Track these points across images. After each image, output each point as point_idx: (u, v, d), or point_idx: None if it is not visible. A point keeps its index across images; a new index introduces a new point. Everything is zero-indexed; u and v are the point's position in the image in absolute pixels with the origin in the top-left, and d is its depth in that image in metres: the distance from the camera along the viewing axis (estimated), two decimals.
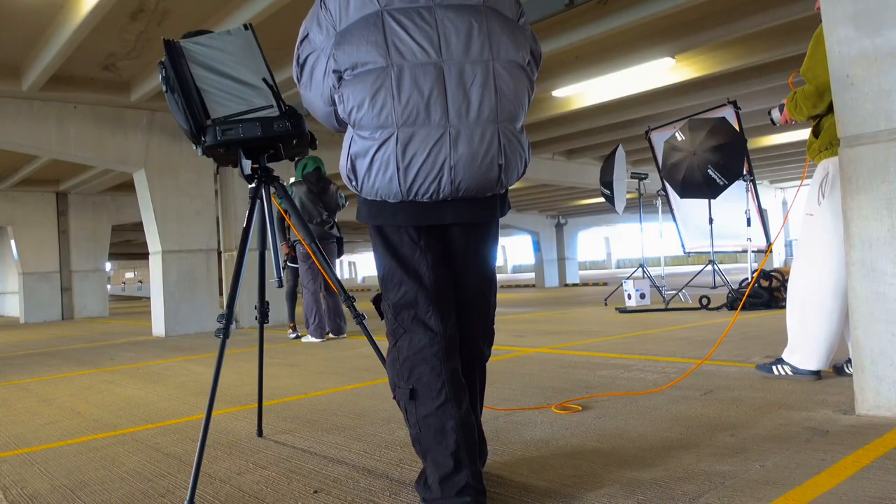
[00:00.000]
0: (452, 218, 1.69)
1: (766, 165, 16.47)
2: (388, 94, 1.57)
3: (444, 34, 1.59)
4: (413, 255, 1.70)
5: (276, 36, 6.37)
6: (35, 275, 13.81)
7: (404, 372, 1.68)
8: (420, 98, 1.57)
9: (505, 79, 1.62)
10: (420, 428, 1.66)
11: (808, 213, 3.02)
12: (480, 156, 1.60)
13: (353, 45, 1.60)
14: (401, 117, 1.58)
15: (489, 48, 1.61)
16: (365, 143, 1.62)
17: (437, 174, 1.60)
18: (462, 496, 1.61)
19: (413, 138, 1.58)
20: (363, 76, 1.59)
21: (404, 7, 1.60)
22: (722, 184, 7.42)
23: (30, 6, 5.75)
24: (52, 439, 2.84)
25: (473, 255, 1.78)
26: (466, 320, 1.78)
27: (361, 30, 1.60)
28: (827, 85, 2.77)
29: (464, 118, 1.59)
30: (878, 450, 2.02)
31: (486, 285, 1.82)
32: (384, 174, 1.61)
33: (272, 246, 2.21)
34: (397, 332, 1.72)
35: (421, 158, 1.59)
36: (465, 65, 1.60)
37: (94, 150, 8.25)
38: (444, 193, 1.63)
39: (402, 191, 1.62)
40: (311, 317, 6.28)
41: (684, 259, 21.89)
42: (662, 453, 2.11)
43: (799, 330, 3.03)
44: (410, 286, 1.69)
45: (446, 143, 1.59)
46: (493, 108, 1.61)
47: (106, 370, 5.10)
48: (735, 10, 6.38)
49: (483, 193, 1.67)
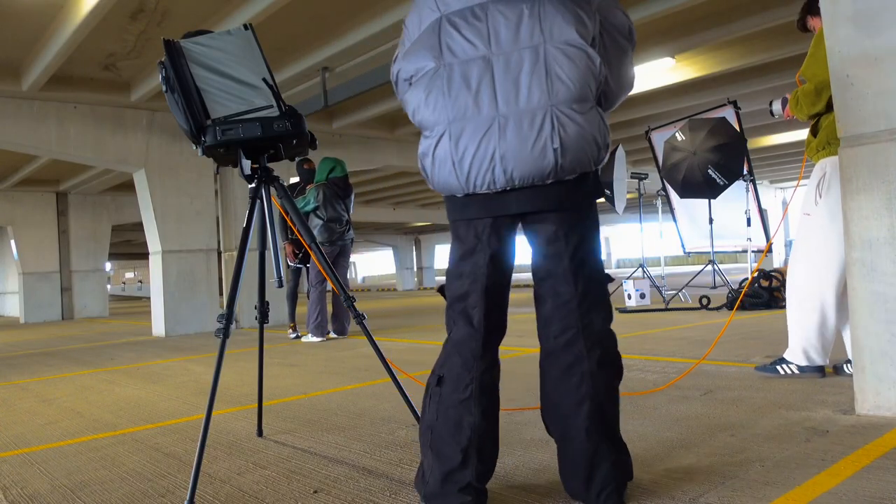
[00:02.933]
0: (517, 207, 1.66)
1: (766, 165, 16.47)
2: (440, 92, 1.63)
3: (494, 27, 1.62)
4: (474, 250, 1.70)
5: (276, 36, 6.38)
6: (35, 275, 13.81)
7: (441, 358, 1.72)
8: (468, 92, 1.61)
9: (560, 60, 1.58)
10: (438, 415, 1.66)
11: (806, 212, 3.03)
12: (531, 142, 1.57)
13: (415, 53, 1.70)
14: (452, 113, 1.62)
15: (540, 31, 1.60)
16: (427, 142, 1.68)
17: (489, 165, 1.60)
18: (464, 494, 1.61)
19: (464, 132, 1.61)
20: (420, 80, 1.67)
21: (460, 8, 1.66)
22: (722, 184, 7.42)
23: (30, 6, 5.75)
24: (52, 439, 2.84)
25: (565, 242, 1.68)
26: (549, 314, 1.72)
27: (423, 38, 1.69)
28: (825, 83, 2.78)
29: (513, 105, 1.59)
30: (878, 450, 2.02)
31: (574, 275, 1.68)
32: (444, 169, 1.65)
33: (272, 246, 2.21)
34: (449, 324, 1.75)
35: (472, 150, 1.60)
36: (514, 52, 1.60)
37: (94, 150, 8.25)
38: (500, 183, 1.61)
39: (462, 183, 1.64)
40: (313, 314, 6.28)
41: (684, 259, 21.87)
42: (662, 453, 2.11)
43: (800, 328, 3.03)
44: (466, 280, 1.71)
45: (495, 132, 1.59)
46: (544, 91, 1.58)
47: (106, 370, 5.10)
48: (735, 10, 6.38)
49: (542, 181, 1.61)
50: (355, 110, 9.44)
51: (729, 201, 8.18)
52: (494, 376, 1.72)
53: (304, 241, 2.68)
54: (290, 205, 2.35)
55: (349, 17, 6.23)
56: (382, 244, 32.89)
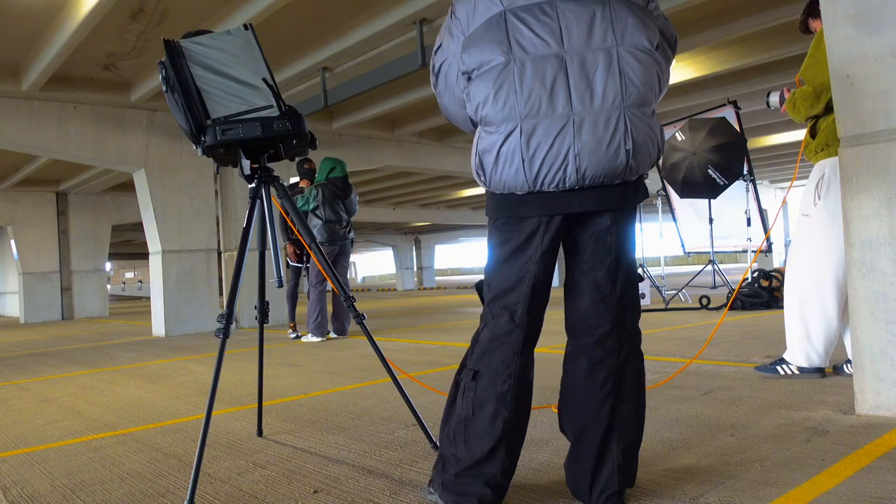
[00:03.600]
0: (580, 206, 1.66)
1: (766, 165, 16.46)
2: (511, 87, 1.60)
3: (566, 25, 1.61)
4: (526, 247, 1.70)
5: (276, 36, 6.38)
6: (35, 275, 13.81)
7: (476, 354, 1.71)
8: (542, 89, 1.59)
9: (631, 63, 1.60)
10: (474, 410, 1.66)
11: (804, 213, 3.02)
12: (606, 142, 1.59)
13: (478, 46, 1.65)
14: (524, 109, 1.60)
15: (612, 34, 1.60)
16: (491, 138, 1.65)
17: (561, 163, 1.60)
18: (486, 487, 1.62)
19: (536, 129, 1.60)
20: (487, 73, 1.63)
21: (527, 4, 1.64)
22: (722, 184, 7.42)
23: (30, 6, 5.75)
24: (52, 439, 2.84)
25: (614, 241, 1.71)
26: (586, 307, 1.73)
27: (486, 31, 1.64)
28: (824, 86, 2.78)
29: (587, 105, 1.59)
30: (878, 450, 2.02)
31: (616, 272, 1.72)
32: (510, 166, 1.62)
33: (272, 246, 2.21)
34: (486, 318, 1.75)
35: (545, 148, 1.59)
36: (588, 53, 1.60)
37: (94, 150, 8.26)
38: (570, 182, 1.61)
39: (529, 181, 1.62)
40: (313, 314, 6.28)
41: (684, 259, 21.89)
42: (662, 453, 2.11)
43: (799, 329, 3.03)
44: (511, 276, 1.70)
45: (570, 131, 1.59)
46: (618, 93, 1.59)
47: (106, 370, 5.10)
48: (735, 10, 6.38)
49: (611, 181, 1.64)
50: (355, 110, 9.44)
51: (729, 201, 8.18)
52: (531, 374, 1.73)
53: (304, 241, 2.68)
54: (290, 205, 2.35)
55: (349, 17, 6.23)
56: (382, 244, 32.89)
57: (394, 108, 9.12)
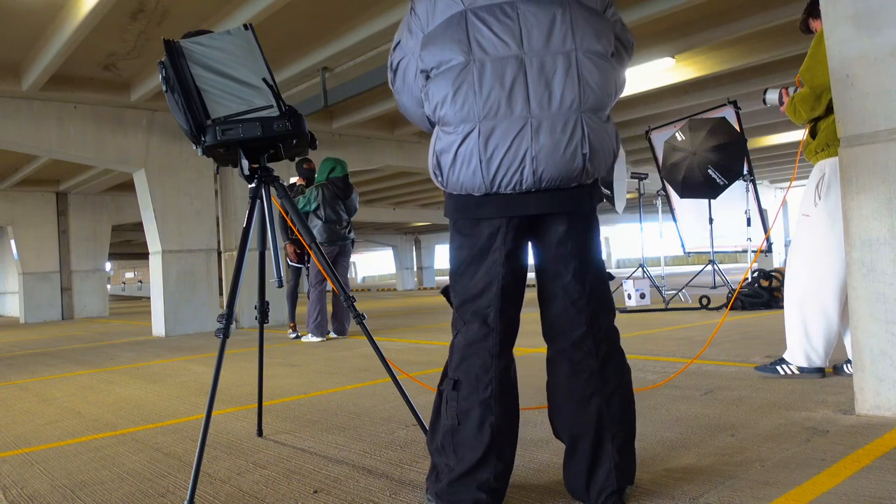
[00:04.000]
0: (537, 208, 1.66)
1: (766, 165, 16.47)
2: (470, 88, 1.60)
3: (526, 27, 1.61)
4: (488, 250, 1.69)
5: (276, 36, 6.38)
6: (35, 275, 13.81)
7: (454, 362, 1.70)
8: (501, 91, 1.59)
9: (590, 68, 1.61)
10: (459, 419, 1.65)
11: (804, 213, 3.02)
12: (563, 145, 1.59)
13: (437, 44, 1.65)
14: (482, 111, 1.60)
15: (572, 38, 1.61)
16: (449, 139, 1.65)
17: (519, 165, 1.60)
18: (479, 492, 1.61)
19: (495, 131, 1.60)
20: (446, 73, 1.63)
21: (487, 4, 1.63)
22: (722, 184, 7.42)
23: (30, 6, 5.75)
24: (52, 439, 2.84)
25: (576, 243, 1.71)
26: (558, 312, 1.73)
27: (446, 29, 1.64)
28: (824, 87, 2.78)
29: (546, 108, 1.59)
30: (878, 450, 2.02)
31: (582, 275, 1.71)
32: (468, 167, 1.63)
33: (272, 246, 2.21)
34: (457, 325, 1.74)
35: (503, 150, 1.59)
36: (547, 56, 1.60)
37: (94, 150, 8.25)
38: (527, 184, 1.62)
39: (486, 183, 1.62)
40: (313, 314, 6.29)
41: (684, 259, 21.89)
42: (662, 453, 2.11)
43: (799, 329, 3.03)
44: (478, 280, 1.70)
45: (528, 133, 1.59)
46: (576, 97, 1.60)
47: (106, 370, 5.10)
48: (735, 10, 6.38)
49: (568, 184, 1.64)
50: (355, 110, 9.44)
51: (729, 201, 8.18)
52: (513, 376, 1.72)
53: (304, 241, 2.68)
54: (290, 205, 2.35)
55: (349, 17, 6.23)
56: (382, 244, 32.88)
57: (394, 108, 9.11)
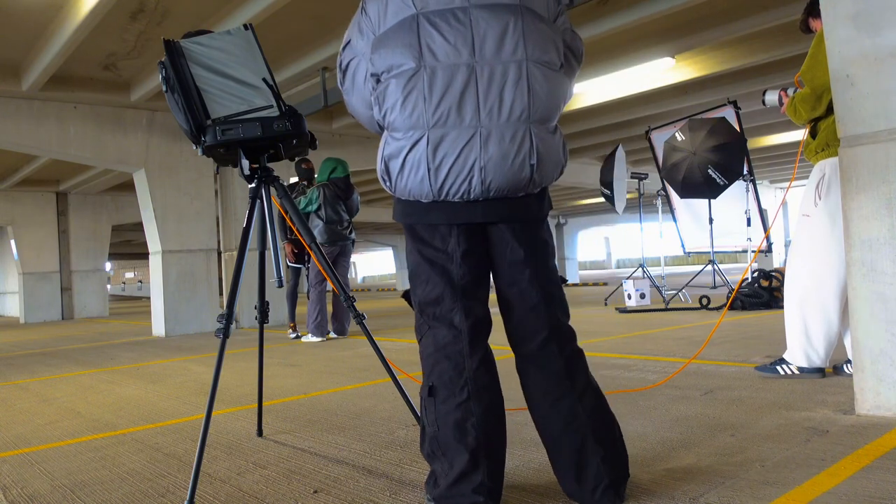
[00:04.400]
0: (484, 217, 1.67)
1: (766, 165, 16.46)
2: (420, 95, 1.59)
3: (478, 34, 1.59)
4: (442, 253, 1.69)
5: (276, 36, 6.38)
6: (35, 275, 13.81)
7: (427, 368, 1.69)
8: (451, 99, 1.58)
9: (539, 79, 1.60)
10: (439, 426, 1.63)
11: (805, 213, 3.02)
12: (511, 156, 1.59)
13: (388, 48, 1.62)
14: (432, 118, 1.59)
15: (523, 47, 1.60)
16: (398, 145, 1.63)
17: (467, 175, 1.59)
18: (476, 494, 1.60)
19: (444, 139, 1.59)
20: (397, 78, 1.61)
21: (440, 9, 1.61)
22: (722, 184, 7.42)
23: (30, 6, 5.75)
24: (52, 439, 2.84)
25: (528, 251, 1.71)
26: (519, 318, 1.73)
27: (397, 33, 1.62)
28: (824, 87, 2.78)
29: (495, 118, 1.59)
30: (878, 450, 2.02)
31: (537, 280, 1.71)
32: (415, 175, 1.62)
33: (272, 246, 2.21)
34: (422, 329, 1.73)
35: (451, 159, 1.59)
36: (498, 65, 1.59)
37: (94, 150, 8.25)
38: (475, 194, 1.62)
39: (434, 191, 1.62)
40: (313, 314, 6.29)
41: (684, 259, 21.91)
42: (662, 453, 2.11)
43: (799, 330, 3.03)
44: (436, 283, 1.69)
45: (476, 143, 1.58)
46: (525, 107, 1.59)
47: (106, 370, 5.10)
48: (735, 10, 6.38)
49: (515, 193, 1.65)
50: None
51: (729, 201, 8.18)
52: (490, 371, 1.69)
53: (303, 241, 2.68)
54: (289, 205, 2.35)
55: (349, 17, 6.15)
56: (382, 244, 32.87)
57: None
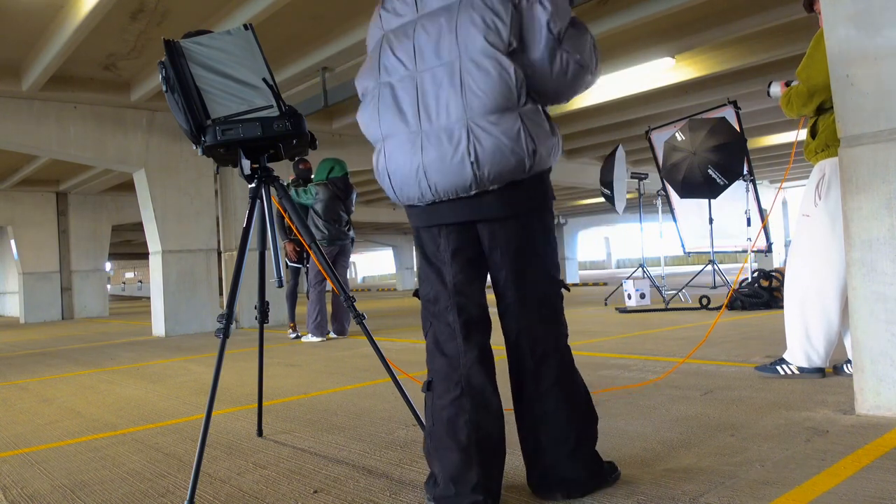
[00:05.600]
0: (454, 217, 1.71)
1: (766, 165, 16.46)
2: (375, 110, 1.74)
3: (419, 45, 1.68)
4: (435, 254, 1.76)
5: (276, 36, 6.38)
6: (35, 275, 13.81)
7: (427, 363, 1.75)
8: (398, 110, 1.69)
9: (472, 73, 1.60)
10: (434, 420, 1.68)
11: (805, 213, 3.02)
12: (449, 156, 1.62)
13: (363, 72, 1.81)
14: (385, 130, 1.72)
15: (456, 46, 1.63)
16: (373, 158, 1.79)
17: (415, 179, 1.67)
18: (474, 494, 1.60)
19: (395, 149, 1.70)
20: (364, 99, 1.80)
21: (397, 26, 1.75)
22: (722, 184, 7.42)
23: (30, 6, 5.75)
24: (52, 439, 2.84)
25: (502, 251, 1.71)
26: (509, 317, 1.74)
27: (370, 56, 1.80)
28: (817, 87, 2.79)
29: (433, 122, 1.65)
30: (878, 450, 2.02)
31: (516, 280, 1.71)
32: (385, 183, 1.76)
33: (272, 246, 2.21)
34: (425, 326, 1.79)
35: (400, 166, 1.69)
36: (437, 69, 1.66)
37: (94, 150, 8.26)
38: (427, 197, 1.68)
39: (398, 197, 1.75)
40: (313, 314, 6.29)
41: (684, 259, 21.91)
42: (662, 453, 2.11)
43: (799, 329, 3.03)
44: (433, 283, 1.76)
45: (418, 148, 1.66)
46: (459, 105, 1.62)
47: (106, 370, 5.10)
48: (735, 10, 6.38)
49: (466, 192, 1.64)
50: (355, 110, 9.32)
51: (729, 201, 8.18)
52: (487, 370, 1.70)
53: (303, 240, 2.68)
54: (289, 205, 2.35)
55: (349, 17, 6.23)
56: (382, 244, 32.88)
57: None
